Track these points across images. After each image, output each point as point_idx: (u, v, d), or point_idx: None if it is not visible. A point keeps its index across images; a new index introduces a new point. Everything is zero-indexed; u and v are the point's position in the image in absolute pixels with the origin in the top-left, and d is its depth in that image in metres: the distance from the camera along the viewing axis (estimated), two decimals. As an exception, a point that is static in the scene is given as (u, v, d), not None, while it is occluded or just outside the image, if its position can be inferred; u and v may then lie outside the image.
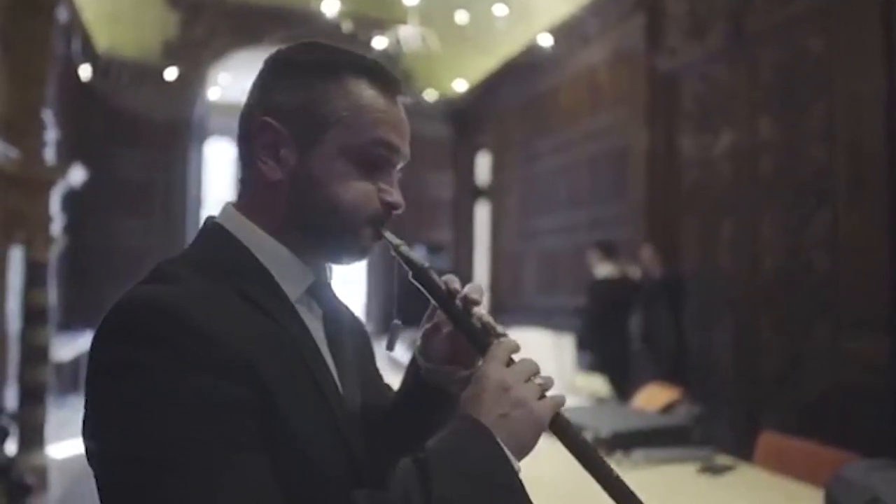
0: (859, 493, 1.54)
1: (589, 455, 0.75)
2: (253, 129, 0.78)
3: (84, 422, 0.67)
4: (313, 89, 0.78)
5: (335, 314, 0.86)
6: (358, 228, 0.78)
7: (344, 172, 0.77)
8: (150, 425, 0.62)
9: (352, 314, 0.95)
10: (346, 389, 0.81)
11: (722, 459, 2.26)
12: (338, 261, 0.83)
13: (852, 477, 1.60)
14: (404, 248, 0.80)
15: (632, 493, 0.74)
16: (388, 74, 0.81)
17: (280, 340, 0.73)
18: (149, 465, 0.61)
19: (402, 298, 0.86)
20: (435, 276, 0.80)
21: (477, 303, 0.79)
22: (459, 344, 0.82)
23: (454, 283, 0.80)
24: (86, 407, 0.67)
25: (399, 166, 0.83)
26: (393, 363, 2.79)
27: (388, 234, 0.80)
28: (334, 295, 0.88)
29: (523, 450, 0.71)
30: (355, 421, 0.80)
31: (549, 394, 0.74)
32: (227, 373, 0.65)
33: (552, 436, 0.76)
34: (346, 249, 0.81)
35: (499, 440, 0.69)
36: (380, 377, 0.97)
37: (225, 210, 0.82)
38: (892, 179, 3.49)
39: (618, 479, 0.74)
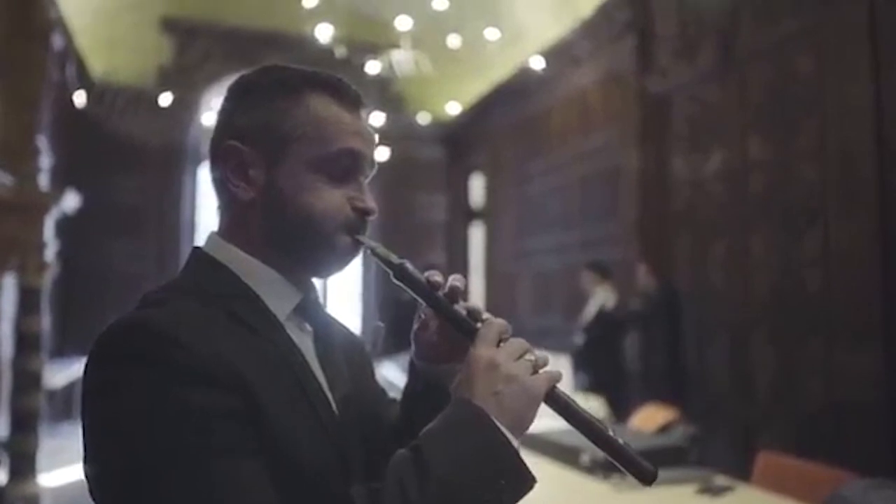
0: (857, 513, 1.53)
1: (590, 425, 0.74)
2: (220, 153, 0.80)
3: (84, 448, 0.67)
4: (273, 107, 0.79)
5: (326, 331, 0.86)
6: (332, 236, 0.79)
7: (312, 184, 0.78)
8: (144, 439, 0.63)
9: (346, 330, 0.95)
10: (338, 403, 0.80)
11: (720, 480, 2.25)
12: (318, 273, 0.84)
13: (850, 496, 1.59)
14: (381, 250, 0.80)
15: (640, 459, 0.73)
16: (348, 88, 0.82)
17: (269, 357, 0.74)
18: (147, 477, 0.62)
19: (386, 302, 0.88)
20: (415, 271, 0.80)
21: (460, 291, 0.79)
22: (452, 339, 0.81)
23: (435, 276, 0.80)
24: (83, 432, 0.67)
25: (368, 174, 0.84)
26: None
27: (363, 238, 0.81)
28: (325, 312, 0.89)
29: (521, 425, 0.71)
30: (349, 432, 0.80)
31: (543, 371, 0.74)
32: (217, 384, 0.65)
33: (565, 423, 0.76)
34: (325, 260, 0.81)
35: (493, 418, 0.68)
36: (380, 390, 0.97)
37: (209, 238, 0.83)
38: (883, 196, 3.52)
39: (624, 446, 0.73)
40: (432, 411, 0.75)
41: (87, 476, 0.67)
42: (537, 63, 6.07)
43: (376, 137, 0.85)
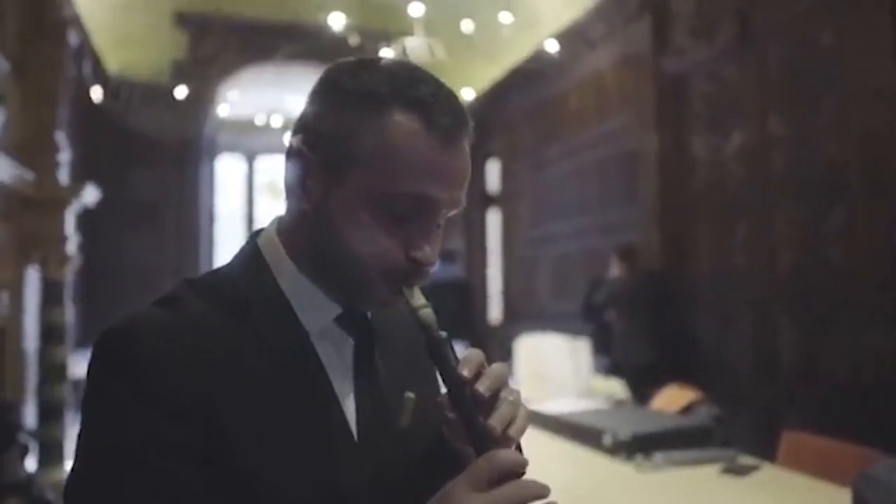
0: (888, 492, 1.51)
1: None
2: (289, 149, 0.73)
3: None
4: (346, 119, 0.69)
5: (375, 341, 0.77)
6: (373, 283, 0.70)
7: (366, 220, 0.68)
8: (92, 450, 0.65)
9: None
10: (368, 429, 0.73)
11: (745, 460, 2.23)
12: (354, 308, 0.75)
13: (879, 475, 1.57)
14: (426, 313, 0.70)
15: None
16: (444, 112, 0.69)
17: (270, 385, 0.68)
18: (87, 486, 0.64)
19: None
20: (450, 352, 0.70)
21: (483, 403, 0.66)
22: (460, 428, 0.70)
23: (469, 366, 0.67)
24: None
25: (443, 217, 0.73)
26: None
27: (408, 292, 0.71)
28: (387, 318, 0.80)
29: None
30: (367, 464, 0.71)
31: None
32: (176, 414, 0.63)
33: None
34: (362, 301, 0.74)
35: None
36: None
37: (269, 227, 0.78)
38: (907, 172, 3.46)
39: None
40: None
41: None
42: (552, 46, 6.00)
43: (469, 171, 0.72)
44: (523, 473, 0.64)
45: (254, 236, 0.79)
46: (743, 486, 2.04)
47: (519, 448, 0.74)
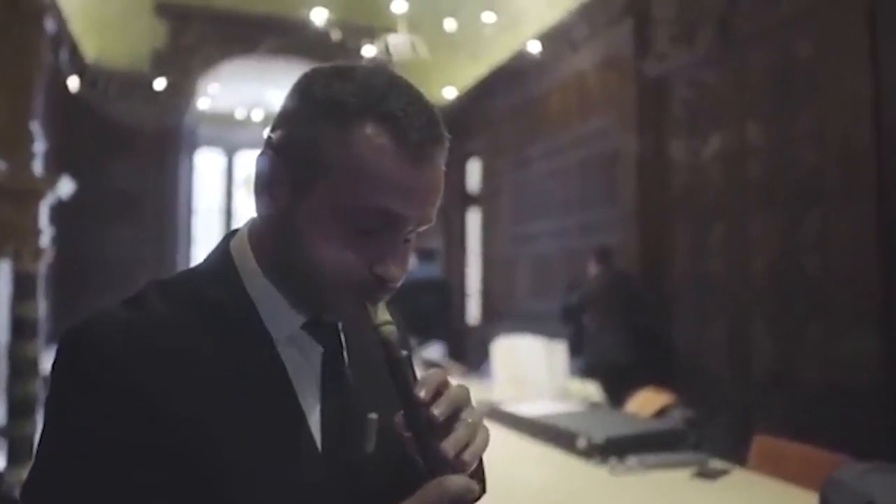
0: (854, 497, 1.53)
1: None
2: (260, 152, 0.71)
3: None
4: (314, 128, 0.68)
5: (338, 353, 0.77)
6: (338, 299, 0.70)
7: (331, 233, 0.67)
8: (57, 454, 0.64)
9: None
10: (332, 439, 0.72)
11: (716, 464, 2.26)
12: (319, 318, 0.74)
13: (847, 480, 1.59)
14: (387, 330, 0.69)
15: None
16: (414, 127, 0.67)
17: (232, 388, 0.67)
18: (53, 491, 0.63)
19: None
20: (409, 372, 0.68)
21: (438, 427, 0.65)
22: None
23: (427, 388, 0.66)
24: None
25: (411, 232, 0.71)
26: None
27: (371, 308, 0.69)
28: (354, 328, 0.79)
29: None
30: (331, 473, 0.71)
31: None
32: (130, 412, 0.62)
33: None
34: (325, 313, 0.73)
35: None
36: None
37: (241, 230, 0.77)
38: (882, 180, 3.52)
39: None
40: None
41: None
42: (534, 47, 6.02)
43: (440, 188, 0.72)
44: (474, 500, 0.63)
45: (227, 237, 0.78)
46: (713, 489, 2.06)
47: (480, 468, 0.73)
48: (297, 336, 0.74)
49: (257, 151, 0.73)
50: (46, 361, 5.34)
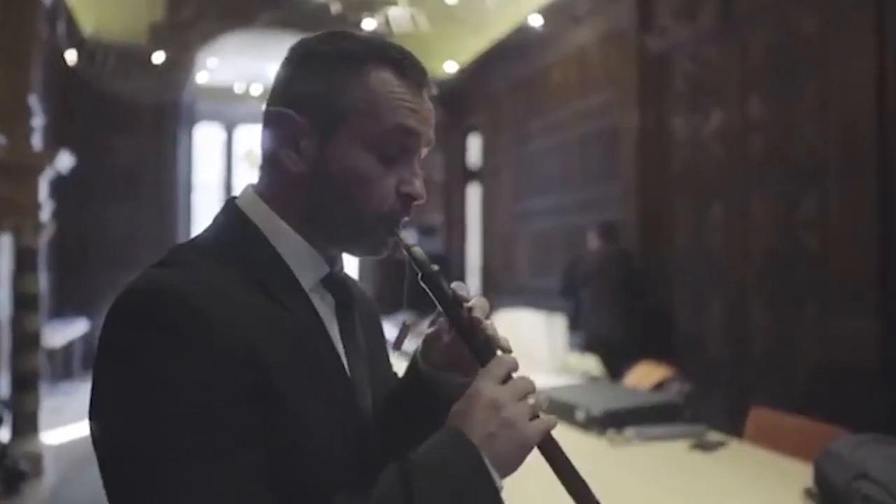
0: (848, 468, 1.56)
1: (576, 482, 0.74)
2: (273, 119, 0.79)
3: (91, 404, 0.67)
4: (332, 79, 0.77)
5: (348, 304, 0.85)
6: (373, 228, 0.79)
7: (363, 166, 0.77)
8: (148, 413, 0.63)
9: (368, 302, 0.96)
10: (356, 380, 0.81)
11: (713, 436, 2.29)
12: (351, 253, 0.85)
13: (841, 452, 1.62)
14: (417, 250, 0.80)
15: None
16: (413, 65, 0.80)
17: (288, 329, 0.74)
18: (144, 452, 0.62)
19: (412, 296, 0.85)
20: (444, 282, 0.80)
21: (481, 320, 0.79)
22: (461, 350, 0.81)
23: (462, 290, 0.80)
24: (92, 389, 0.68)
25: (423, 151, 0.83)
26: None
27: (403, 234, 0.81)
28: (352, 283, 0.89)
29: (507, 470, 0.71)
30: (364, 411, 0.81)
31: (541, 415, 0.73)
32: (228, 359, 0.66)
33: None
34: (361, 245, 0.82)
35: (484, 458, 0.68)
36: (390, 367, 0.97)
37: (245, 192, 0.83)
38: (883, 158, 3.50)
39: None
40: (422, 412, 0.83)
41: (91, 432, 0.67)
42: (536, 21, 5.98)
43: (434, 118, 0.84)
44: (516, 368, 0.75)
45: (232, 204, 0.82)
46: (709, 461, 2.09)
47: None
48: (316, 288, 0.82)
49: (257, 126, 0.81)
50: (48, 335, 5.38)
